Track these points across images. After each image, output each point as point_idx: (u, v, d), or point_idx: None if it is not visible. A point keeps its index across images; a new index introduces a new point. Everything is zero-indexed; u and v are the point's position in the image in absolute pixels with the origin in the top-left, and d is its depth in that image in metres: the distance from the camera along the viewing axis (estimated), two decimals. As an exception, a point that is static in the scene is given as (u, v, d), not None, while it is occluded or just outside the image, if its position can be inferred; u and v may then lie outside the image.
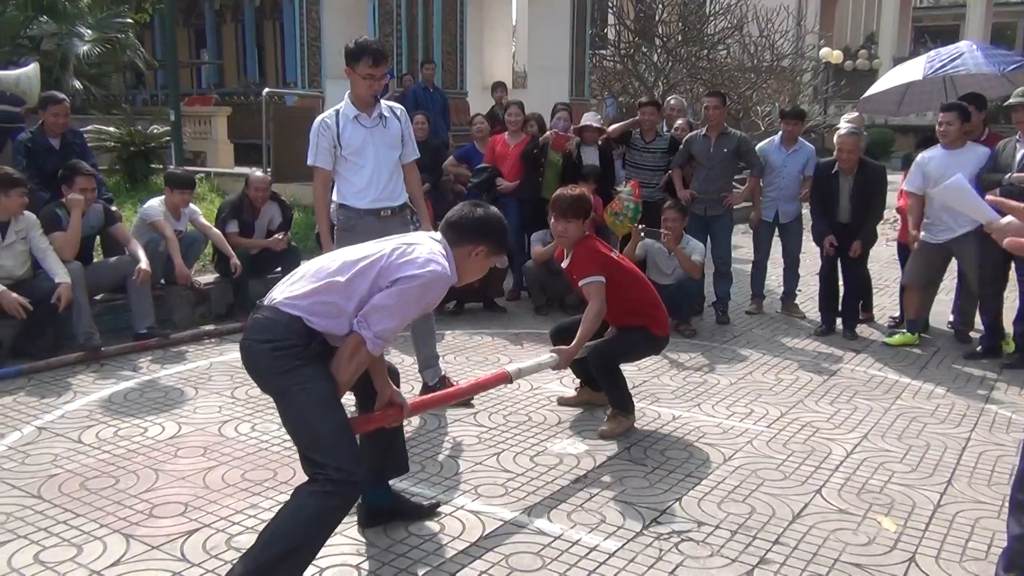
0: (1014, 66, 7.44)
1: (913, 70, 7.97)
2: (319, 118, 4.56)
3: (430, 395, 3.97)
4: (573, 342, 4.26)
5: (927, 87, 7.95)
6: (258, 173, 7.21)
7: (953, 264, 6.38)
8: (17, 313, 5.18)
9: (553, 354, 4.25)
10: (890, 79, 8.39)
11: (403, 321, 2.83)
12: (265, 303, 2.81)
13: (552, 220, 4.53)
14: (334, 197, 4.73)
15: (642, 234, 6.37)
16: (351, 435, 2.79)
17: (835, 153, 6.48)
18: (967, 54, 7.55)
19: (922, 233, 6.23)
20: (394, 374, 3.29)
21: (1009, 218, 2.37)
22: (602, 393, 4.60)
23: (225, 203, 7.06)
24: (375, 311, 2.71)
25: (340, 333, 2.79)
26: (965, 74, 7.68)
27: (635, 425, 4.51)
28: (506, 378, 3.87)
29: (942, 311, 6.96)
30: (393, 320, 2.75)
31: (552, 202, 4.52)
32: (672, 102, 9.02)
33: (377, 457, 3.25)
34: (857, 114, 8.45)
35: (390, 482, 3.41)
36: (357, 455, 2.76)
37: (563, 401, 4.91)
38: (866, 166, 6.42)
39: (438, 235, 3.01)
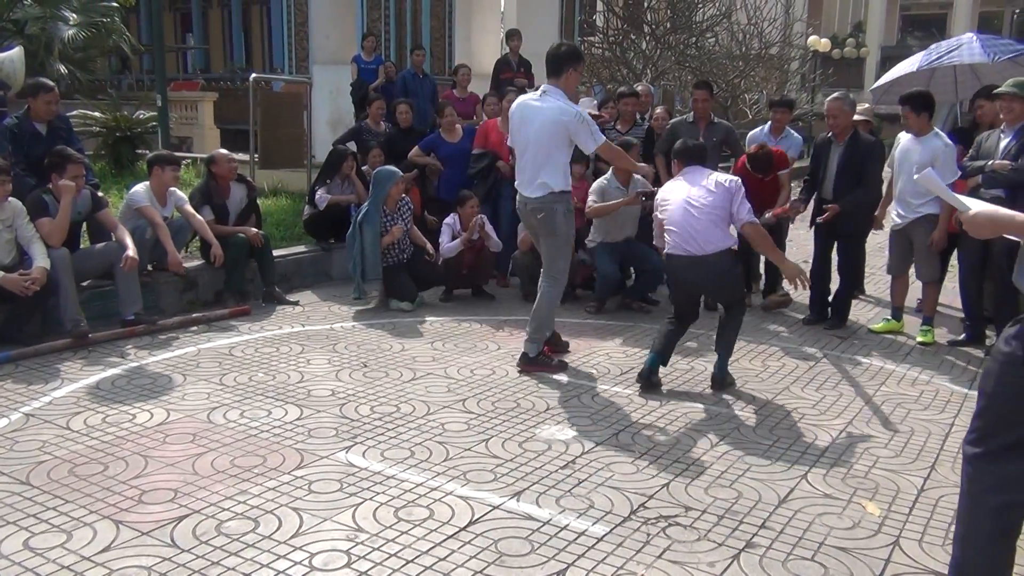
0: (1011, 55, 7.39)
1: (912, 62, 7.98)
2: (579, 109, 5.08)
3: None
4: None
5: (948, 74, 7.97)
6: (221, 150, 7.06)
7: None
8: (24, 290, 5.18)
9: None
10: (895, 72, 8.37)
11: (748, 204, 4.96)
12: (698, 254, 4.79)
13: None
14: None
15: (643, 199, 6.55)
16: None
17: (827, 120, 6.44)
18: (965, 45, 7.52)
19: (894, 220, 6.30)
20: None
21: (977, 207, 2.44)
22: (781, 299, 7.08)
23: (194, 191, 6.90)
24: (740, 209, 4.86)
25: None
26: (959, 64, 7.67)
27: (624, 410, 4.59)
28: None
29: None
30: (747, 204, 4.89)
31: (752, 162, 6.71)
32: (640, 88, 9.07)
33: (672, 341, 5.06)
34: (867, 105, 8.44)
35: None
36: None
37: (770, 304, 7.06)
38: (858, 137, 6.32)
39: (700, 168, 5.07)
